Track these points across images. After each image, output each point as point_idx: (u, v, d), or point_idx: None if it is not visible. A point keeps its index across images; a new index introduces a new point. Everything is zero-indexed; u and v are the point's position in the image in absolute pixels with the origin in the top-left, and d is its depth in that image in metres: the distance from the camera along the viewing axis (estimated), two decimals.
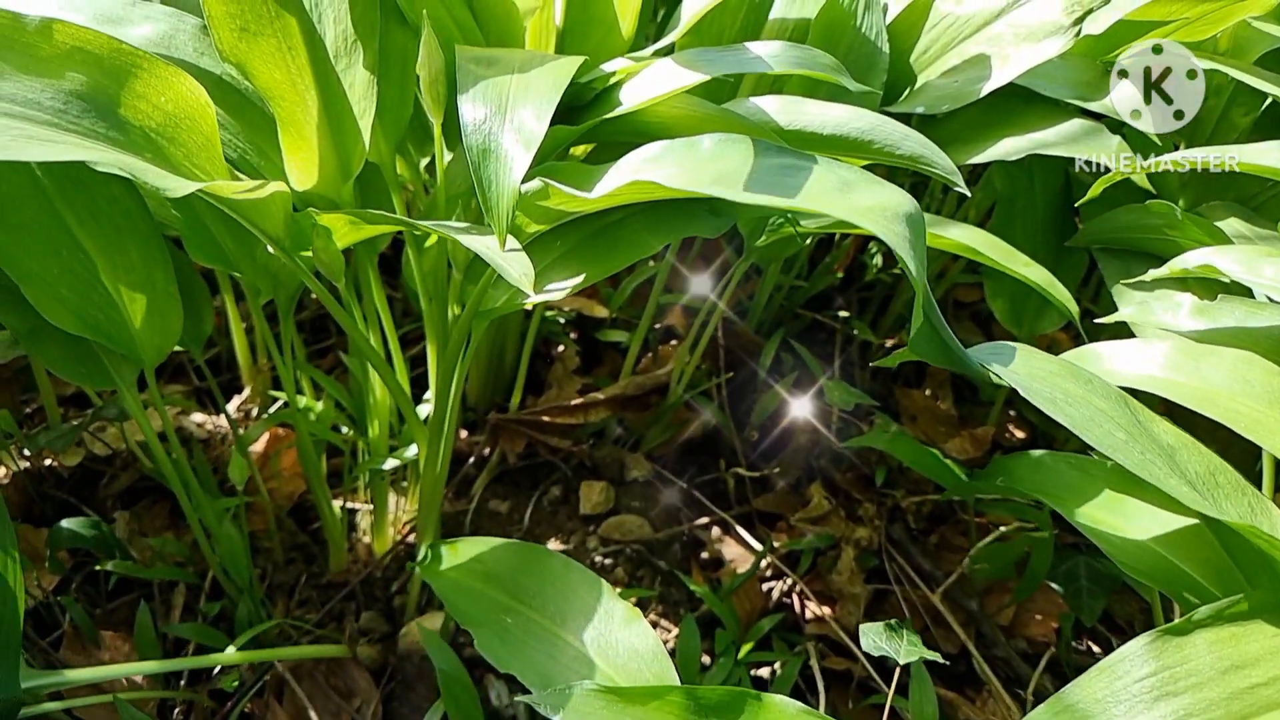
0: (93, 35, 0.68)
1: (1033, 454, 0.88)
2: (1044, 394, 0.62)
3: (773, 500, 1.20)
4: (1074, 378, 0.66)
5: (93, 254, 0.77)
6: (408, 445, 1.01)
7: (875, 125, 0.82)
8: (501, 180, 0.67)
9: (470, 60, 0.75)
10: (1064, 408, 0.61)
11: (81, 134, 0.65)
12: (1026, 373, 0.65)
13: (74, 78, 0.67)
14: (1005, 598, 1.14)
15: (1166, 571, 0.72)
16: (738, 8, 1.02)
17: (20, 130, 0.60)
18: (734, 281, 1.09)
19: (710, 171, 0.67)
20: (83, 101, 0.66)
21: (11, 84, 0.63)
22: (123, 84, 0.68)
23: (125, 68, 0.69)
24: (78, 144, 0.63)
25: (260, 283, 0.86)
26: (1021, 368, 0.66)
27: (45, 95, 0.65)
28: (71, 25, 0.67)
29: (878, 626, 0.71)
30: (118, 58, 0.69)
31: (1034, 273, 0.92)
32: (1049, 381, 0.65)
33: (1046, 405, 0.61)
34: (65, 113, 0.65)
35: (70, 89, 0.66)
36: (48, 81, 0.65)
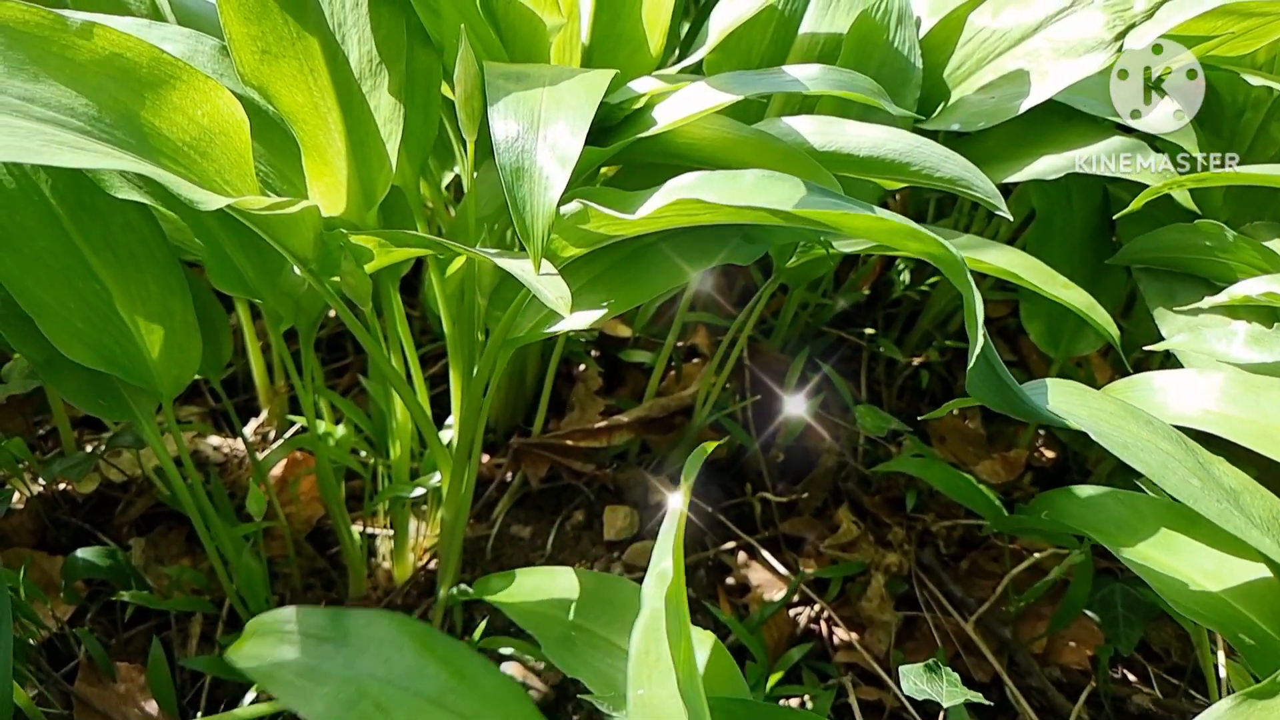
0: (134, 42, 0.65)
1: (1078, 490, 0.86)
2: (1116, 438, 0.59)
3: (800, 524, 1.18)
4: (1134, 418, 0.63)
5: (108, 283, 0.74)
6: (430, 471, 0.98)
7: (914, 147, 0.79)
8: (536, 201, 0.65)
9: (500, 76, 0.73)
10: (1138, 453, 0.59)
11: (113, 144, 0.63)
12: (1089, 415, 0.63)
13: (110, 85, 0.64)
14: (1039, 625, 1.11)
15: (1225, 614, 0.70)
16: (766, 23, 1.00)
17: (51, 136, 0.58)
18: (762, 302, 1.07)
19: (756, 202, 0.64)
20: (117, 110, 0.64)
21: (46, 87, 0.61)
22: (159, 94, 0.66)
23: (163, 78, 0.67)
24: (108, 153, 0.61)
25: (281, 309, 0.84)
26: (1082, 409, 0.64)
27: (80, 101, 0.62)
28: (112, 31, 0.65)
29: (918, 668, 0.68)
30: (156, 67, 0.66)
31: (1073, 296, 0.89)
32: (1113, 423, 0.62)
33: (1120, 451, 0.58)
34: (99, 120, 0.63)
35: (105, 96, 0.64)
36: (83, 86, 0.63)
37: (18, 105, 0.56)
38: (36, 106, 0.57)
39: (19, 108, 0.56)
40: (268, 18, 0.73)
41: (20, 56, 0.59)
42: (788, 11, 1.01)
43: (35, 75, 0.59)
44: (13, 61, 0.58)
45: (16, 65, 0.58)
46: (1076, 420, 0.63)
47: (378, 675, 0.70)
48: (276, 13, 0.73)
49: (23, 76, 0.58)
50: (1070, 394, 0.66)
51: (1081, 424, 0.62)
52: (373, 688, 0.69)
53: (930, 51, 1.02)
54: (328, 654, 0.72)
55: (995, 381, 0.64)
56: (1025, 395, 0.64)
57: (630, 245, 0.79)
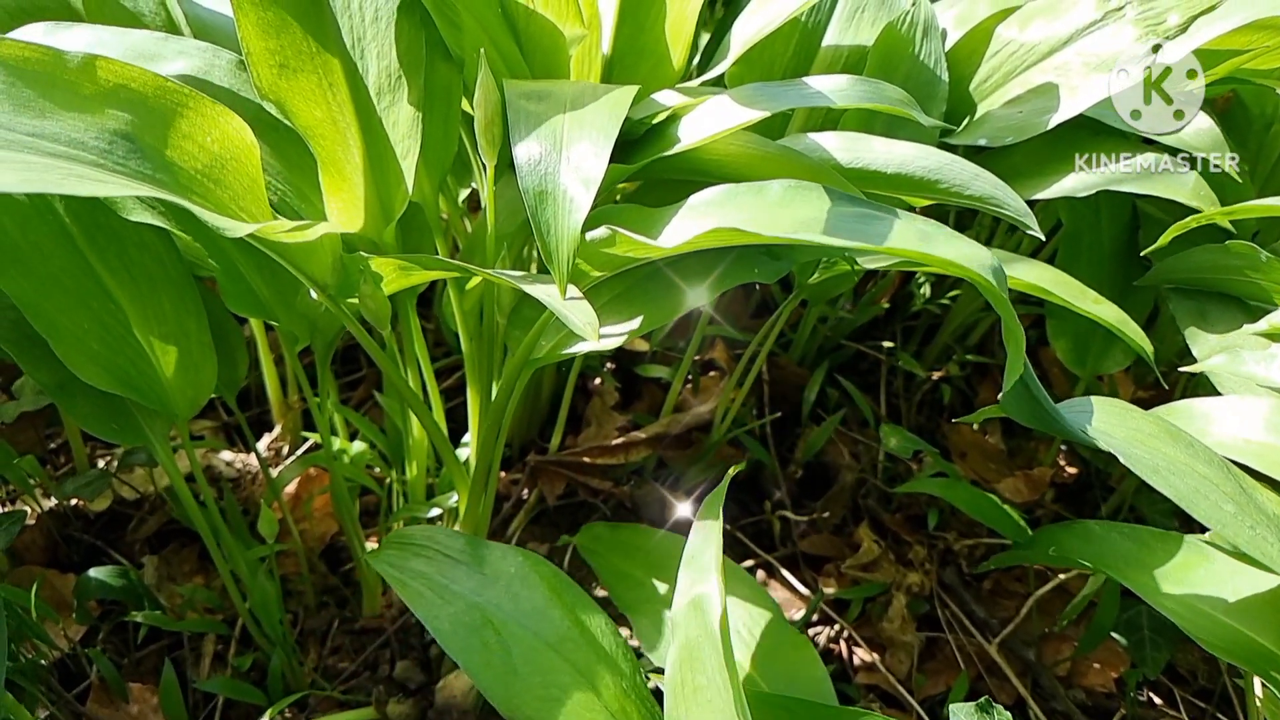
0: (137, 73, 0.64)
1: (1082, 524, 0.84)
2: (1146, 462, 0.58)
3: (819, 542, 1.16)
4: (1173, 440, 0.62)
5: (124, 304, 0.73)
6: (447, 490, 0.97)
7: (943, 164, 0.78)
8: (561, 225, 0.63)
9: (521, 96, 0.71)
10: (1168, 478, 0.57)
11: (128, 175, 0.61)
12: (1124, 436, 0.61)
13: (118, 116, 0.63)
14: (1062, 646, 1.09)
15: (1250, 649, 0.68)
16: (789, 35, 0.98)
17: (67, 170, 0.57)
18: (782, 319, 1.05)
19: (786, 218, 0.63)
20: (128, 141, 0.63)
21: (54, 123, 0.59)
22: (168, 123, 0.65)
23: (170, 106, 0.65)
24: (126, 184, 0.60)
25: (297, 330, 0.82)
26: (1117, 429, 0.62)
27: (90, 135, 0.61)
28: (114, 62, 0.63)
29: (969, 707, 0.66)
30: (162, 95, 0.65)
31: (1105, 311, 0.87)
32: (1149, 445, 0.61)
33: (1150, 475, 0.56)
34: (110, 153, 0.61)
35: (115, 128, 0.62)
36: (91, 120, 0.62)
37: (28, 142, 0.55)
38: (46, 142, 0.56)
39: (29, 144, 0.55)
40: (286, 32, 0.72)
41: (25, 94, 0.58)
42: (811, 24, 0.99)
43: (41, 112, 0.58)
44: (17, 99, 0.57)
45: (22, 103, 0.57)
46: (1107, 441, 0.61)
47: (504, 608, 0.72)
48: (295, 28, 0.72)
49: (29, 114, 0.57)
50: (1112, 414, 0.64)
51: (1112, 446, 0.61)
52: (497, 618, 0.71)
53: (956, 64, 1.00)
54: (460, 576, 0.74)
55: (1031, 402, 0.62)
56: (1063, 416, 0.62)
57: (653, 263, 0.77)
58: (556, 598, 0.72)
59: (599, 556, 0.96)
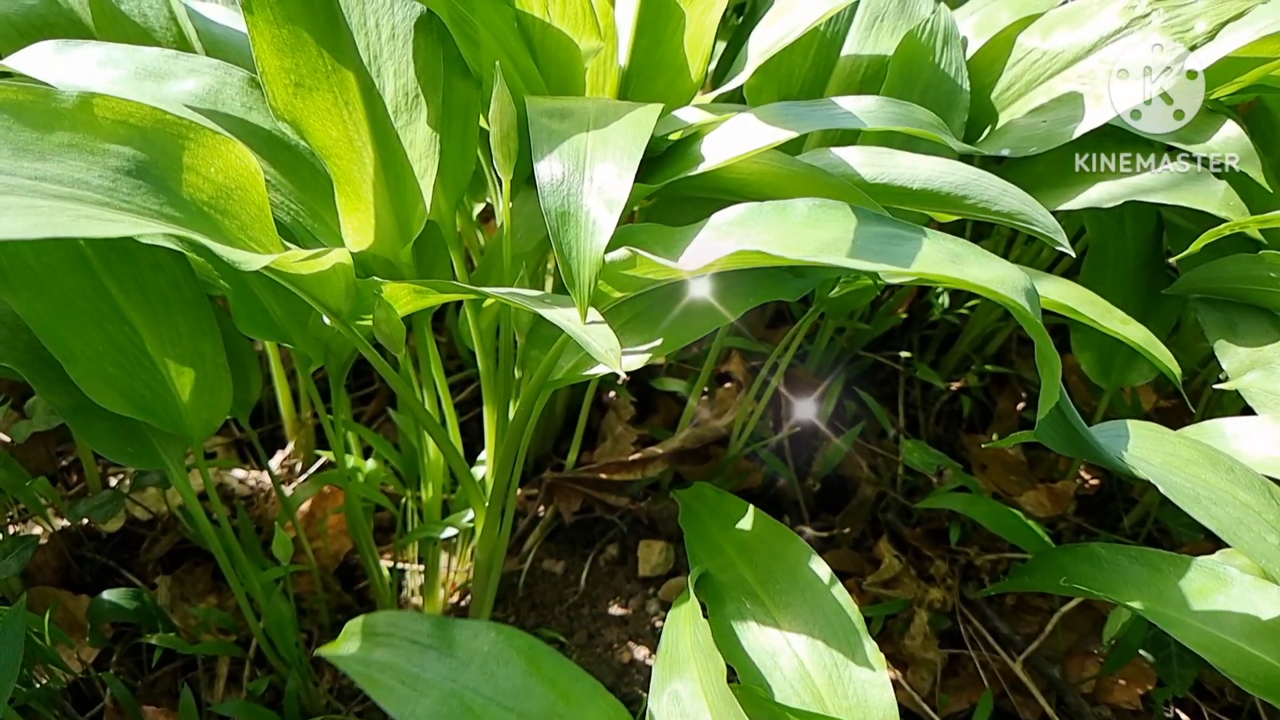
0: (135, 107, 0.62)
1: (1087, 549, 0.82)
2: (1186, 490, 0.56)
3: (839, 557, 1.14)
4: (1213, 465, 0.60)
5: (139, 326, 0.72)
6: (463, 509, 0.96)
7: (970, 180, 0.76)
8: (583, 248, 0.62)
9: (543, 113, 0.70)
10: (1209, 508, 0.55)
11: (136, 211, 0.60)
12: (1162, 462, 0.59)
13: (120, 153, 0.61)
14: (1087, 662, 1.07)
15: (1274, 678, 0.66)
16: (808, 45, 0.97)
17: (75, 211, 0.55)
18: (801, 333, 1.03)
19: (811, 239, 0.61)
20: (132, 178, 0.61)
21: (56, 164, 0.58)
22: (170, 156, 0.63)
23: (171, 138, 0.64)
24: (136, 221, 0.58)
25: (311, 352, 0.81)
26: (1154, 455, 0.60)
27: (93, 174, 0.60)
28: (110, 98, 0.62)
29: None
30: (163, 128, 0.63)
31: (1132, 331, 0.86)
32: (1187, 471, 0.59)
33: (1190, 505, 0.55)
34: (115, 190, 0.60)
35: (117, 165, 0.61)
36: (93, 159, 0.60)
37: (32, 185, 0.54)
38: (50, 184, 0.55)
39: (33, 187, 0.54)
40: (302, 50, 0.71)
41: (25, 137, 0.56)
42: (829, 34, 0.98)
43: (42, 154, 0.56)
44: (16, 143, 0.56)
45: (21, 147, 0.56)
46: (1146, 470, 0.60)
47: (483, 692, 0.70)
48: (311, 45, 0.71)
49: (29, 156, 0.56)
50: (1147, 438, 0.63)
51: (1151, 475, 0.59)
52: (477, 704, 0.69)
53: (977, 73, 0.99)
54: (430, 663, 0.71)
55: (1066, 429, 0.60)
56: (1099, 444, 0.61)
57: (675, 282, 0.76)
58: (536, 670, 0.70)
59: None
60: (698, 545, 0.80)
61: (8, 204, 0.52)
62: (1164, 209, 1.02)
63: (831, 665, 0.70)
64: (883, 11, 0.98)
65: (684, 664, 0.66)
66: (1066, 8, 0.97)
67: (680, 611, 0.72)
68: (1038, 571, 0.85)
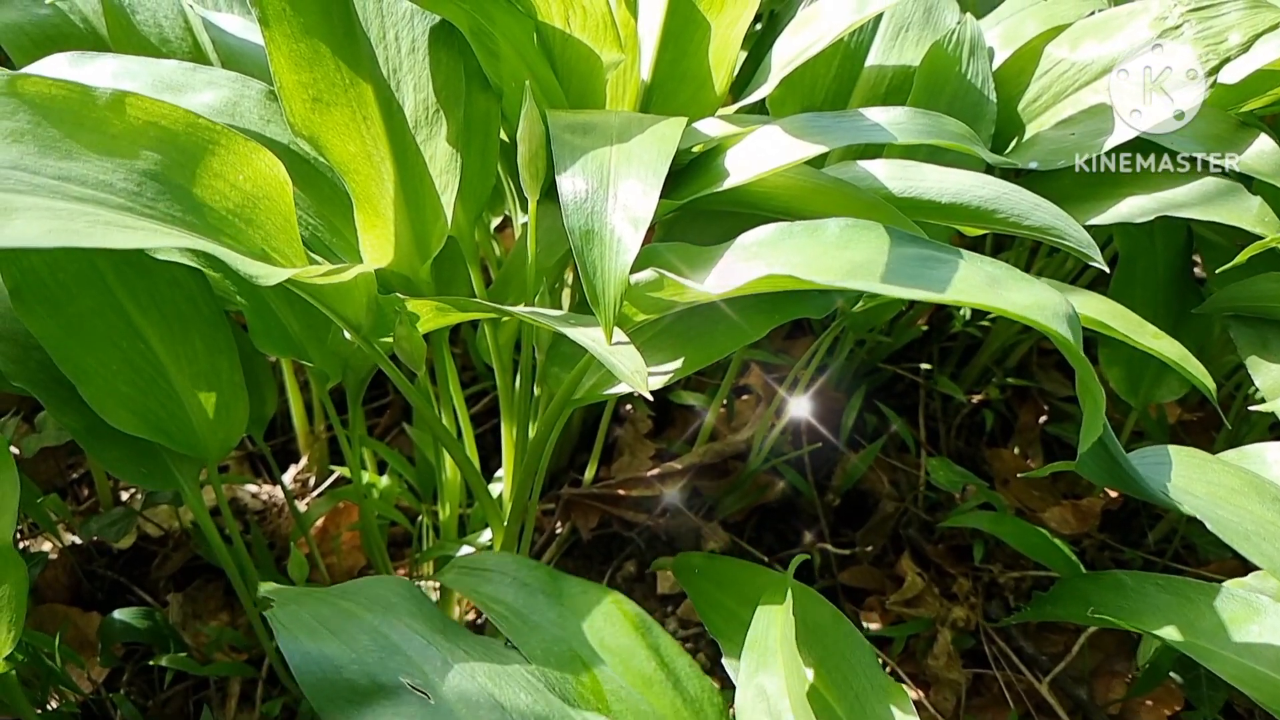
0: (168, 109, 0.61)
1: (1112, 576, 0.79)
2: (1234, 526, 0.54)
3: (859, 574, 1.12)
4: (1259, 496, 0.58)
5: (154, 345, 0.70)
6: (480, 526, 0.94)
7: (1001, 194, 0.75)
8: (608, 267, 0.61)
9: (566, 128, 0.69)
10: (1260, 545, 0.54)
11: (156, 218, 0.59)
12: (1206, 493, 0.58)
13: (148, 156, 0.60)
14: (1113, 682, 1.05)
15: None
16: (831, 55, 0.95)
17: (94, 216, 0.54)
18: (823, 348, 1.02)
19: (843, 262, 0.60)
20: (157, 182, 0.60)
21: (82, 164, 0.57)
22: (199, 162, 0.62)
23: (201, 144, 0.62)
24: (154, 229, 0.57)
25: (329, 368, 0.80)
26: (1198, 485, 0.59)
27: (118, 176, 0.58)
28: (144, 99, 0.61)
29: None
30: (193, 133, 0.62)
31: (1165, 346, 0.83)
32: (1233, 504, 0.57)
33: (1240, 543, 0.53)
34: (139, 195, 0.59)
35: (144, 168, 0.60)
36: (120, 161, 0.59)
37: (54, 185, 0.52)
38: (73, 185, 0.53)
39: (56, 188, 0.52)
40: (320, 64, 0.69)
41: (52, 134, 0.55)
42: (853, 44, 0.96)
43: (69, 152, 0.55)
44: (44, 140, 0.54)
45: (48, 144, 0.54)
46: (1192, 505, 0.58)
47: (589, 642, 0.69)
48: (329, 59, 0.70)
49: (56, 154, 0.54)
50: (1190, 467, 0.61)
51: (1197, 510, 0.57)
52: (585, 654, 0.68)
53: (1003, 84, 0.97)
54: (540, 607, 0.71)
55: (1109, 462, 0.58)
56: (1143, 478, 0.59)
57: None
58: (642, 637, 0.70)
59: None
60: (706, 610, 0.80)
61: (28, 204, 0.51)
62: (1194, 224, 1.00)
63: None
64: (907, 22, 0.96)
65: (772, 658, 0.64)
66: (1095, 18, 0.95)
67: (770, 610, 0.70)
68: (1062, 600, 0.83)
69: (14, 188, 0.51)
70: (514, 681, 0.60)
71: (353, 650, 0.58)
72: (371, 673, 0.56)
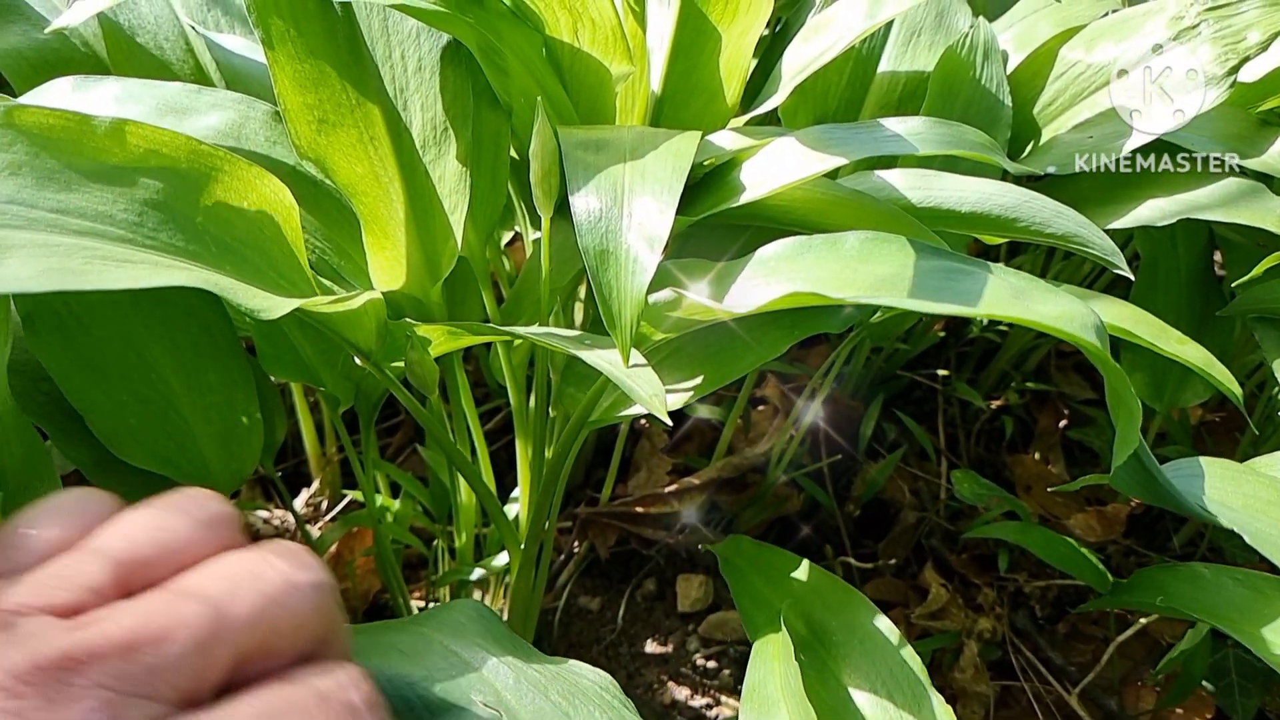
0: (169, 136, 0.60)
1: (1189, 568, 0.78)
2: (1273, 540, 0.53)
3: (882, 586, 1.11)
4: None
5: (169, 376, 0.69)
6: (497, 548, 0.93)
7: (1022, 202, 0.73)
8: (624, 287, 0.59)
9: (577, 145, 0.67)
10: None
11: (159, 249, 0.57)
12: (1243, 506, 0.56)
13: (149, 185, 0.59)
14: (1143, 691, 1.04)
15: None
16: (843, 62, 0.94)
17: (92, 250, 0.52)
18: (840, 359, 1.00)
19: (866, 276, 0.58)
20: (159, 212, 0.58)
21: (81, 196, 0.55)
22: (201, 189, 0.60)
23: (204, 171, 0.61)
24: (156, 262, 0.55)
25: (341, 393, 0.79)
26: (1233, 497, 0.57)
27: (118, 207, 0.57)
28: (145, 126, 0.59)
29: None
30: (196, 160, 0.61)
31: (1190, 352, 0.82)
32: (1270, 515, 0.56)
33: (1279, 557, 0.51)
34: (140, 226, 0.57)
35: (145, 198, 0.58)
36: (120, 191, 0.57)
37: (52, 219, 0.51)
38: (72, 218, 0.52)
39: (54, 221, 0.51)
40: (325, 85, 0.68)
41: (50, 165, 0.53)
42: (865, 51, 0.95)
43: (67, 184, 0.53)
44: (41, 171, 0.53)
45: (46, 175, 0.53)
46: (1230, 519, 0.56)
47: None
48: (335, 79, 0.68)
49: (54, 186, 0.53)
50: (1224, 478, 0.59)
51: (1235, 524, 0.56)
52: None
53: (1018, 87, 0.96)
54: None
55: (1144, 476, 0.57)
56: (1180, 492, 0.57)
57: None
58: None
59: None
60: (746, 602, 0.77)
61: (23, 241, 0.49)
62: (1216, 225, 0.99)
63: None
64: (919, 26, 0.95)
65: (774, 707, 0.62)
66: (1110, 19, 0.94)
67: (767, 647, 0.68)
68: (1138, 589, 0.81)
69: (10, 223, 0.50)
70: (588, 699, 0.58)
71: (425, 669, 0.56)
72: (444, 690, 0.55)
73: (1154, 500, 0.58)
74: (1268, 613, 0.70)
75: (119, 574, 0.33)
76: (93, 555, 0.33)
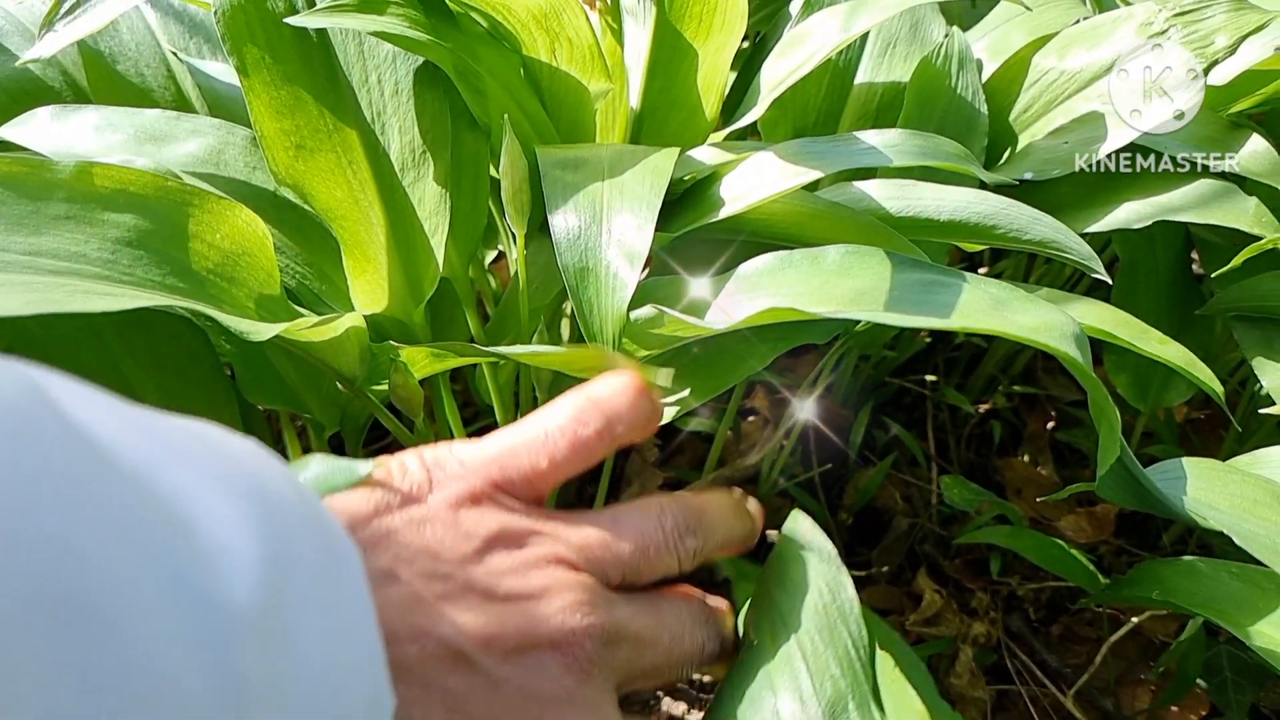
0: (135, 175, 0.60)
1: (1188, 563, 0.78)
2: (1263, 542, 0.53)
3: (876, 594, 1.11)
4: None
5: (153, 403, 0.69)
6: None
7: (999, 209, 0.74)
8: (605, 304, 0.60)
9: (555, 164, 0.68)
10: None
11: (135, 283, 0.58)
12: (1229, 506, 0.56)
13: (120, 223, 0.59)
14: (1138, 690, 1.04)
15: None
16: (821, 75, 0.94)
17: (72, 286, 0.53)
18: (828, 367, 1.01)
19: (845, 290, 0.59)
20: (133, 248, 0.59)
21: (52, 239, 0.56)
22: (173, 224, 0.61)
23: (175, 205, 0.61)
24: (135, 295, 0.56)
25: (325, 418, 0.79)
26: (1219, 497, 0.57)
27: (91, 246, 0.57)
28: (110, 167, 0.60)
29: None
30: (164, 196, 0.61)
31: (1171, 352, 0.83)
32: (1260, 517, 0.56)
33: (1271, 558, 0.52)
34: (114, 263, 0.58)
35: (117, 235, 0.59)
36: (91, 231, 0.58)
37: (26, 261, 0.51)
38: (45, 259, 0.53)
39: (28, 263, 0.51)
40: (302, 111, 0.69)
41: (18, 210, 0.54)
42: (842, 63, 0.95)
43: (37, 228, 0.54)
44: (10, 217, 0.54)
45: (15, 221, 0.54)
46: (1217, 519, 0.57)
47: None
48: (311, 105, 0.69)
49: (24, 231, 0.53)
50: (1209, 478, 0.59)
51: (1223, 524, 0.56)
52: None
53: (994, 95, 0.96)
54: None
55: (1130, 482, 0.57)
56: (1167, 496, 0.58)
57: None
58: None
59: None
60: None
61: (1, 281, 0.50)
62: (1193, 226, 0.99)
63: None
64: (895, 37, 0.96)
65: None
66: (1081, 27, 0.95)
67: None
68: (1139, 583, 0.81)
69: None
70: None
71: None
72: None
73: (1142, 506, 0.58)
74: (1263, 607, 0.71)
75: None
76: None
